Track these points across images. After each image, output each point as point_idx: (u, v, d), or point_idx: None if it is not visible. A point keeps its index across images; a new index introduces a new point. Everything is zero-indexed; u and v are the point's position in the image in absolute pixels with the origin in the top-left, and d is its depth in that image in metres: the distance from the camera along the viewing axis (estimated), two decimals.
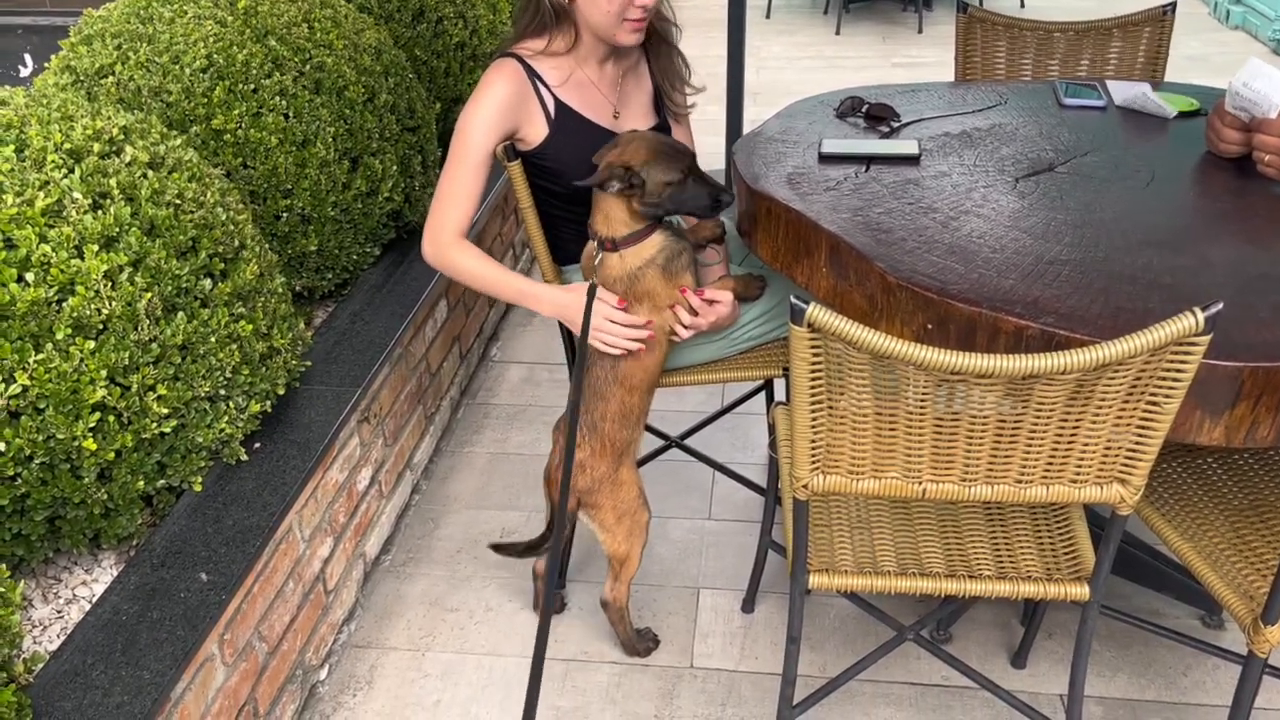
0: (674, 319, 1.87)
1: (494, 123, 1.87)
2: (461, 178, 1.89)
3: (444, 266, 1.95)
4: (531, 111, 1.90)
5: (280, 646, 1.87)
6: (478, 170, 1.90)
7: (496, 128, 1.88)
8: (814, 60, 6.05)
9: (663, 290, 1.84)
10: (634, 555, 1.94)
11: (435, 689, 2.02)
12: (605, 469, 1.86)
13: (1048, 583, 1.57)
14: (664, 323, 1.86)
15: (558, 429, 1.90)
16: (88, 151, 1.73)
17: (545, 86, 1.91)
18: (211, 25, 2.24)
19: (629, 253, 1.81)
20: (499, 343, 3.23)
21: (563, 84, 1.92)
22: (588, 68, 1.95)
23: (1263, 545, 1.62)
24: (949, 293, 1.51)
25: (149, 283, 1.67)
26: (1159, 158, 1.95)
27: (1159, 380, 1.29)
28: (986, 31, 2.74)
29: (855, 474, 1.47)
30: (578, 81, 1.94)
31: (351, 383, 2.12)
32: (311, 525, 1.97)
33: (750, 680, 2.02)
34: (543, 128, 1.91)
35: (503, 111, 1.87)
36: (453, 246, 1.92)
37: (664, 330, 1.87)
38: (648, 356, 1.87)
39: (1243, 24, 6.14)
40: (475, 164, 1.89)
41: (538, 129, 1.91)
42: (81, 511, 1.63)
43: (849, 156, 1.98)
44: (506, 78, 1.88)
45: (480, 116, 1.87)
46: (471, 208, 1.92)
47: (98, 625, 1.57)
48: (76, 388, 1.55)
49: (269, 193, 2.22)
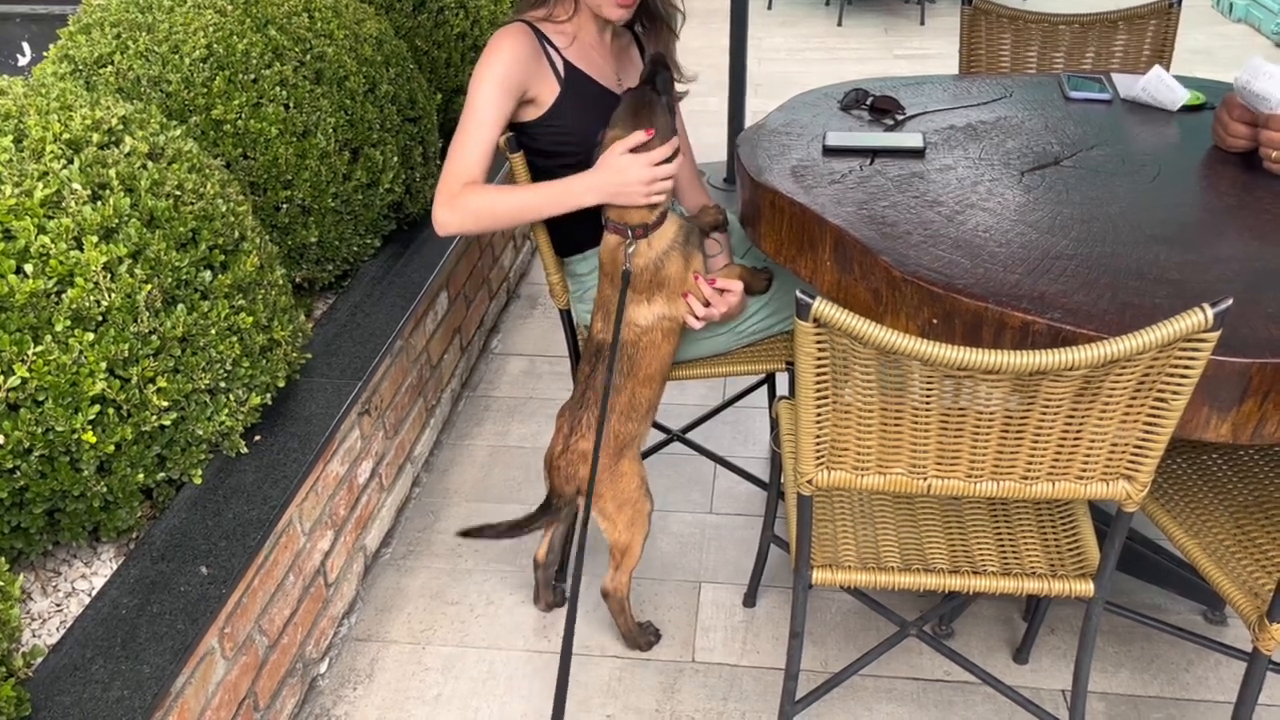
0: (688, 309, 1.86)
1: (503, 80, 1.84)
2: (472, 134, 1.84)
3: (463, 216, 1.84)
4: (543, 71, 1.89)
5: (281, 640, 1.86)
6: (489, 128, 1.84)
7: (507, 85, 1.84)
8: (816, 52, 6.02)
9: (682, 273, 1.83)
10: (635, 545, 1.94)
11: (436, 682, 2.02)
12: (607, 459, 1.85)
13: (1052, 579, 1.56)
14: (679, 313, 1.85)
15: (561, 415, 1.90)
16: (87, 142, 1.71)
17: (554, 48, 1.91)
18: (211, 14, 2.22)
19: (655, 237, 1.81)
20: (500, 335, 3.22)
21: (569, 47, 1.93)
22: (588, 34, 1.96)
23: (1268, 542, 1.61)
24: (955, 287, 1.50)
25: (149, 274, 1.66)
26: (1165, 152, 1.94)
27: (1167, 377, 1.28)
28: (991, 24, 2.72)
29: (860, 469, 1.46)
30: (581, 45, 1.95)
31: (352, 375, 2.11)
32: (312, 518, 1.96)
33: (752, 675, 2.01)
34: (554, 86, 1.91)
35: (512, 68, 1.85)
36: (465, 192, 1.84)
37: (678, 320, 1.86)
38: (664, 346, 1.86)
39: (1245, 17, 6.12)
40: (485, 121, 1.84)
41: (549, 88, 1.90)
42: (81, 504, 1.63)
43: (853, 149, 1.96)
44: (515, 37, 1.87)
45: (491, 74, 1.84)
46: (483, 162, 1.85)
47: (97, 619, 1.56)
48: (76, 380, 1.54)
49: (269, 184, 2.21)
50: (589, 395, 1.85)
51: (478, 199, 1.83)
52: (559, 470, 1.87)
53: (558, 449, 1.88)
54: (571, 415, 1.86)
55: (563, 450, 1.86)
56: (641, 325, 1.83)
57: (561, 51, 1.91)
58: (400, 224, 2.72)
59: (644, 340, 1.84)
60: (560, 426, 1.89)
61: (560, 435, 1.88)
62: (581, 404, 1.86)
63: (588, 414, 1.84)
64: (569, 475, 1.86)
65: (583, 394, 1.86)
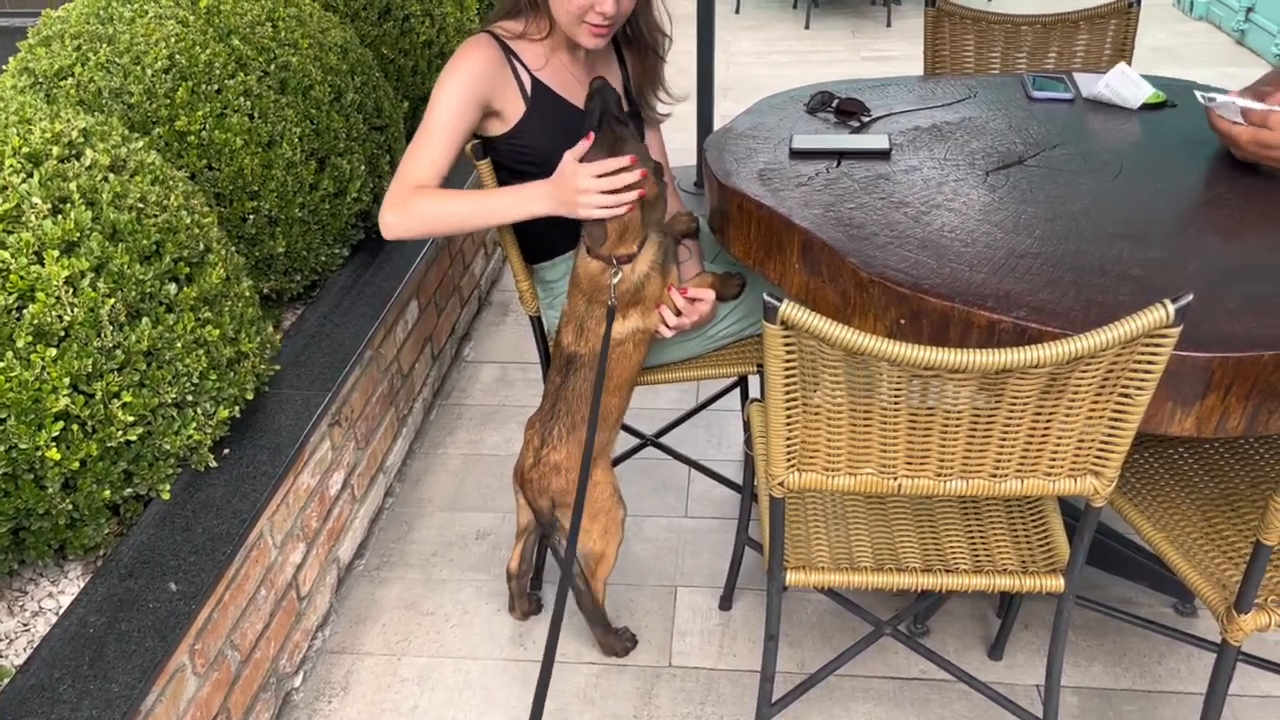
0: (659, 319, 1.86)
1: (466, 90, 1.82)
2: (428, 141, 1.82)
3: (410, 218, 1.81)
4: (508, 86, 1.88)
5: (253, 655, 1.84)
6: (446, 135, 1.82)
7: (468, 95, 1.82)
8: (784, 55, 6.05)
9: (659, 291, 1.84)
10: (609, 553, 1.93)
11: (412, 693, 2.00)
12: (578, 470, 1.84)
13: (1023, 575, 1.57)
14: (652, 325, 1.85)
15: (530, 426, 1.89)
16: (47, 155, 1.69)
17: (523, 66, 1.89)
18: (173, 25, 2.21)
19: (638, 261, 1.81)
20: (471, 343, 3.21)
21: (541, 68, 1.91)
22: (562, 54, 1.94)
23: (1234, 534, 1.63)
24: (921, 287, 1.51)
25: (112, 288, 1.64)
26: (1127, 150, 1.96)
27: (1130, 372, 1.29)
28: (955, 25, 2.74)
29: (831, 470, 1.46)
30: (554, 65, 1.93)
31: (322, 386, 2.09)
32: (283, 531, 1.95)
33: (729, 678, 2.01)
34: (519, 105, 1.89)
35: (476, 79, 1.83)
36: (415, 195, 1.81)
37: (649, 331, 1.86)
38: (635, 355, 1.86)
39: (1206, 15, 6.20)
40: (442, 129, 1.82)
41: (514, 106, 1.89)
42: (46, 522, 1.60)
43: (820, 152, 1.97)
44: (480, 49, 1.86)
45: (452, 83, 1.83)
46: (437, 167, 1.82)
47: (65, 638, 1.54)
48: (39, 396, 1.52)
49: (235, 194, 2.19)
50: (559, 406, 1.84)
51: (427, 203, 1.81)
52: (531, 484, 1.86)
53: (528, 462, 1.87)
54: (542, 427, 1.85)
55: (534, 463, 1.85)
56: (616, 338, 1.83)
57: (531, 70, 1.89)
58: (368, 233, 2.70)
59: (617, 351, 1.83)
60: (530, 439, 1.88)
61: (530, 448, 1.87)
62: (552, 415, 1.84)
63: (558, 425, 1.83)
64: (541, 488, 1.85)
65: (552, 405, 1.85)
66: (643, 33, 1.98)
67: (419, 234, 1.85)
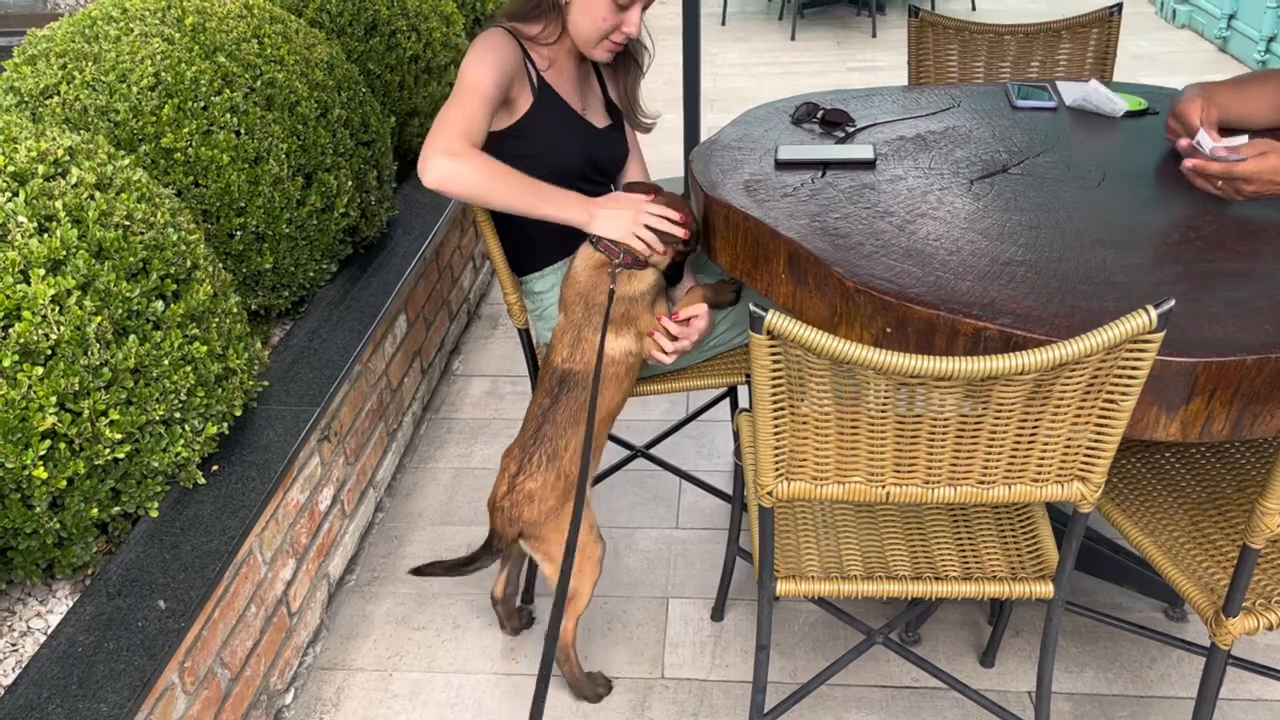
0: (654, 346, 1.88)
1: (499, 68, 1.83)
2: (468, 103, 1.80)
3: (462, 174, 1.75)
4: (522, 77, 1.91)
5: (244, 672, 1.84)
6: (485, 104, 1.81)
7: (500, 73, 1.83)
8: (770, 66, 6.08)
9: (649, 319, 1.87)
10: (584, 590, 1.88)
11: (404, 709, 2.00)
12: (554, 502, 1.80)
13: (1013, 582, 1.57)
14: (643, 349, 1.87)
15: (508, 455, 1.84)
16: (32, 174, 1.69)
17: (531, 64, 1.93)
18: (159, 43, 2.21)
19: (636, 276, 1.84)
20: (461, 356, 3.21)
21: (547, 69, 1.95)
22: (566, 61, 1.99)
23: (1221, 538, 1.64)
24: (907, 296, 1.52)
25: (98, 306, 1.64)
26: (1110, 158, 1.98)
27: (1115, 378, 1.30)
28: (938, 35, 2.76)
29: (819, 479, 1.47)
30: (558, 69, 1.98)
31: (310, 402, 2.09)
32: (273, 548, 1.94)
33: (721, 689, 2.01)
34: (528, 98, 1.93)
35: (505, 60, 1.85)
36: (473, 152, 1.77)
37: (640, 357, 1.87)
38: (625, 381, 1.87)
39: (1189, 23, 6.25)
40: (483, 97, 1.80)
41: (524, 98, 1.92)
42: (34, 541, 1.60)
43: (805, 162, 1.98)
44: (503, 38, 1.89)
45: (486, 59, 1.83)
46: (479, 132, 1.81)
47: (53, 658, 1.53)
48: (25, 415, 1.52)
49: (222, 211, 2.19)
50: (545, 430, 1.80)
51: (488, 168, 1.76)
52: (502, 512, 1.81)
53: (501, 490, 1.82)
54: (521, 453, 1.81)
55: (506, 491, 1.81)
56: (611, 355, 1.83)
57: (539, 68, 1.94)
58: (356, 248, 2.70)
59: (609, 372, 1.83)
60: (506, 467, 1.83)
61: (505, 476, 1.82)
62: (535, 440, 1.80)
63: (539, 452, 1.79)
64: (511, 518, 1.80)
65: (537, 429, 1.80)
66: (630, 44, 2.01)
67: (460, 191, 1.77)
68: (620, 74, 2.08)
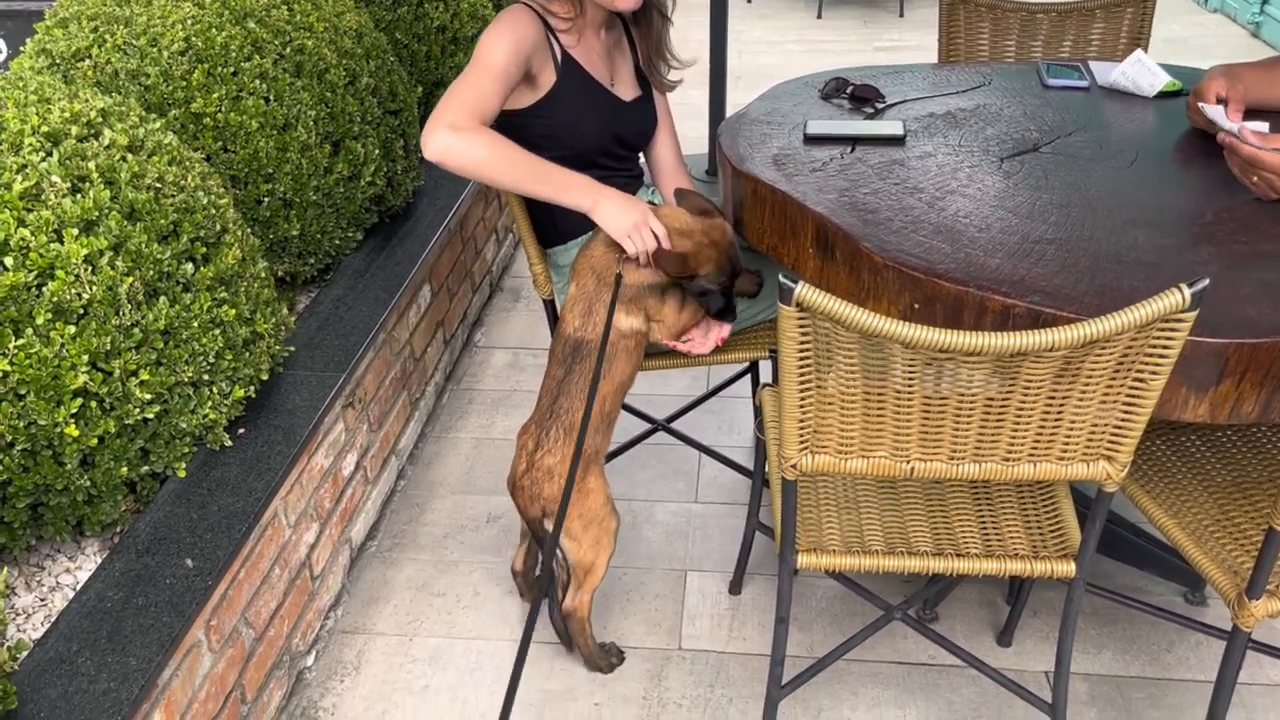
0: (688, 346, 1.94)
1: (517, 45, 1.82)
2: (480, 79, 1.79)
3: (466, 150, 1.73)
4: (546, 53, 1.90)
5: (267, 632, 1.86)
6: (499, 82, 1.79)
7: (518, 50, 1.82)
8: (796, 44, 6.04)
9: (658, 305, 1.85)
10: (599, 564, 1.88)
11: (423, 673, 2.02)
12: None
13: (1034, 560, 1.57)
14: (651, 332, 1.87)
15: (525, 431, 1.84)
16: (65, 134, 1.70)
17: (556, 38, 1.92)
18: (190, 7, 2.21)
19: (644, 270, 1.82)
20: (483, 328, 3.22)
21: (574, 45, 1.94)
22: (590, 35, 1.98)
23: (1246, 521, 1.63)
24: (936, 272, 1.51)
25: (130, 267, 1.65)
26: (1142, 138, 1.96)
27: (1145, 357, 1.29)
28: (970, 13, 2.74)
29: (843, 453, 1.47)
30: (584, 45, 1.97)
31: (335, 368, 2.10)
32: (297, 511, 1.96)
33: (738, 661, 2.02)
34: (552, 74, 1.92)
35: (526, 37, 1.84)
36: (479, 128, 1.75)
37: (646, 336, 1.86)
38: (636, 354, 1.86)
39: (1221, 7, 6.17)
40: (497, 74, 1.79)
41: (548, 74, 1.91)
42: (64, 498, 1.62)
43: (834, 137, 1.97)
44: (528, 14, 1.88)
45: (504, 37, 1.82)
46: (490, 109, 1.79)
47: (82, 612, 1.55)
48: (58, 373, 1.54)
49: (250, 177, 2.20)
50: (560, 403, 1.79)
51: (494, 144, 1.75)
52: (523, 490, 1.81)
53: (520, 469, 1.82)
54: (538, 429, 1.80)
55: (526, 469, 1.80)
56: (620, 330, 1.82)
57: (563, 44, 1.93)
58: (382, 217, 2.71)
59: (620, 344, 1.82)
60: (524, 444, 1.82)
61: (524, 454, 1.81)
62: (551, 414, 1.79)
63: (556, 426, 1.79)
64: (533, 495, 1.80)
65: (552, 402, 1.80)
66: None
67: (459, 166, 1.75)
68: (645, 28, 2.06)
